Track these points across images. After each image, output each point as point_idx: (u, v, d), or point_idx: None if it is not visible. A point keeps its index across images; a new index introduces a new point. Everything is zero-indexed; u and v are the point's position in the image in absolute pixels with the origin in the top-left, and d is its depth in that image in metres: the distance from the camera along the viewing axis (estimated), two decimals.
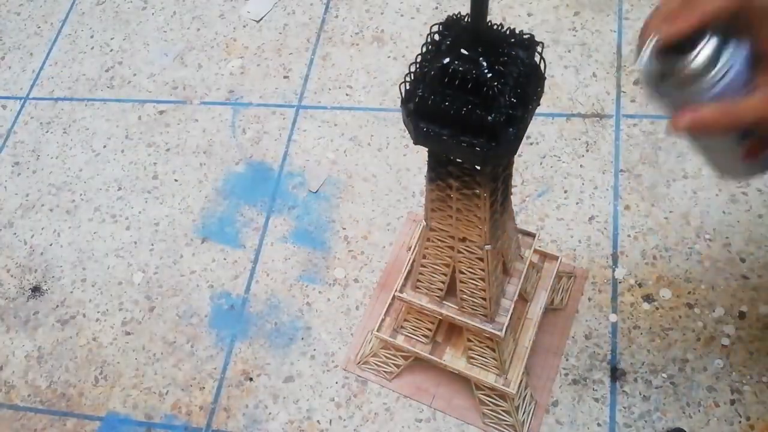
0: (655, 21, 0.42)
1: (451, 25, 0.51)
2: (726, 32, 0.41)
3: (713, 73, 0.41)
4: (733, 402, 0.88)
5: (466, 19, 0.51)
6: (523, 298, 0.85)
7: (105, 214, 1.16)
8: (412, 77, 0.51)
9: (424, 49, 0.51)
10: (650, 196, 1.02)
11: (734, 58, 0.41)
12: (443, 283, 0.74)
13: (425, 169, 0.60)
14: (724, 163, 0.50)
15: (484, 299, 0.72)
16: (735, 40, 0.41)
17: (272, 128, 1.20)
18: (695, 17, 0.40)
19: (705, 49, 0.41)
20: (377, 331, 0.86)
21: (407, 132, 0.54)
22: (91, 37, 1.37)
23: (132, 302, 1.07)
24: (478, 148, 0.50)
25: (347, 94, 1.21)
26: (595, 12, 1.20)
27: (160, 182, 1.18)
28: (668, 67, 0.42)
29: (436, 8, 1.26)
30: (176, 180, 1.17)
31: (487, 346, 0.78)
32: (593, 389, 0.91)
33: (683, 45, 0.41)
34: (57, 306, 1.09)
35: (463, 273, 0.70)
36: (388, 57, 1.23)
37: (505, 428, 0.88)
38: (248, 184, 1.15)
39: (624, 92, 1.12)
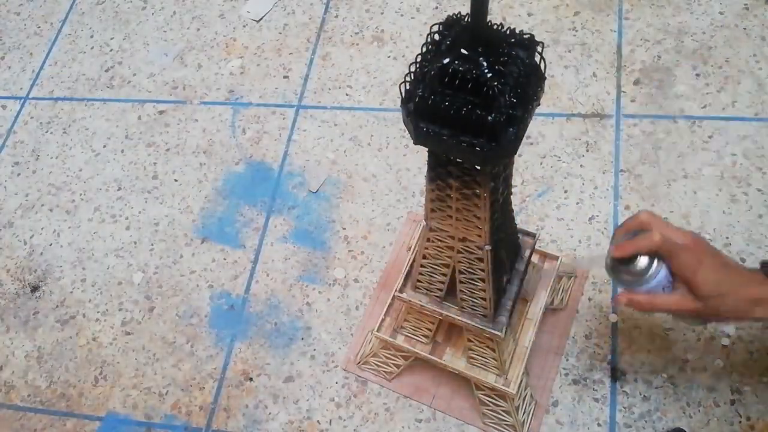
0: (616, 238, 0.72)
1: (451, 25, 0.51)
2: (653, 255, 0.68)
3: (644, 278, 0.68)
4: (733, 402, 0.88)
5: (466, 19, 0.51)
6: (523, 298, 0.85)
7: (105, 214, 1.16)
8: (412, 77, 0.51)
9: (424, 49, 0.51)
10: (650, 196, 1.02)
11: (658, 270, 0.68)
12: (443, 283, 0.74)
13: (425, 169, 0.60)
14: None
15: (484, 299, 0.72)
16: (659, 259, 0.68)
17: (272, 128, 1.20)
18: (633, 249, 0.68)
19: (639, 264, 0.68)
20: (377, 331, 0.86)
21: (407, 132, 0.54)
22: (91, 37, 1.37)
23: (132, 302, 1.07)
24: (478, 148, 0.50)
25: (347, 94, 1.21)
26: (595, 12, 1.20)
27: (160, 182, 1.18)
28: (619, 268, 0.70)
29: (436, 8, 1.26)
30: (176, 180, 1.17)
31: (487, 346, 0.78)
32: (593, 389, 0.91)
33: (628, 259, 0.69)
34: (57, 306, 1.09)
35: (463, 273, 0.70)
36: (388, 57, 1.23)
37: (505, 428, 0.88)
38: (248, 184, 1.15)
39: (624, 92, 1.12)
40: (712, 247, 0.69)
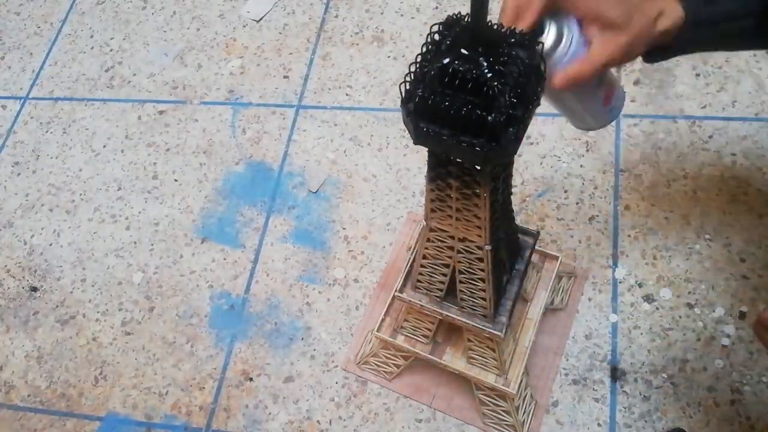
0: (503, 19, 0.58)
1: (451, 25, 0.51)
2: (557, 15, 0.57)
3: (561, 46, 0.57)
4: (733, 402, 0.88)
5: (466, 19, 0.51)
6: (523, 298, 0.85)
7: (105, 214, 1.16)
8: (412, 77, 0.51)
9: (424, 49, 0.51)
10: (650, 196, 1.02)
11: (570, 29, 0.57)
12: (443, 283, 0.74)
13: (425, 169, 0.60)
14: (592, 112, 0.66)
15: (484, 299, 0.72)
16: (565, 18, 0.57)
17: (272, 128, 1.20)
18: (530, 20, 0.57)
19: (549, 33, 0.57)
20: (377, 331, 0.86)
21: (407, 132, 0.54)
22: (91, 37, 1.37)
23: (132, 302, 1.07)
24: (478, 148, 0.50)
25: (347, 94, 1.21)
26: None
27: (160, 182, 1.18)
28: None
29: (436, 8, 1.26)
30: (176, 180, 1.17)
31: (487, 346, 0.78)
32: (593, 389, 0.91)
33: (536, 35, 0.56)
34: (57, 306, 1.09)
35: (463, 273, 0.70)
36: (388, 57, 1.23)
37: (505, 428, 0.88)
38: (248, 184, 1.15)
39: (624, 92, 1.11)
40: None
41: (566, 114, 0.69)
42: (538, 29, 0.57)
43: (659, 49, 0.63)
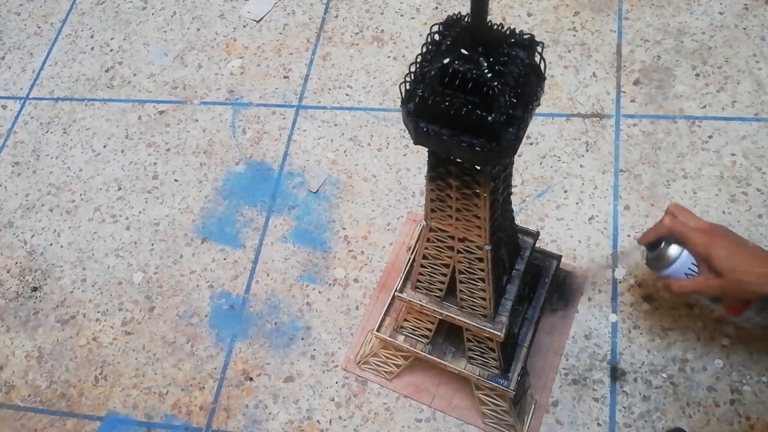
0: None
1: (451, 25, 0.51)
2: (671, 240, 0.76)
3: (668, 261, 0.76)
4: (733, 402, 0.88)
5: (466, 19, 0.51)
6: (523, 298, 0.85)
7: (105, 214, 1.16)
8: (412, 77, 0.51)
9: (424, 49, 0.51)
10: (650, 196, 1.02)
11: (679, 252, 0.76)
12: (443, 283, 0.74)
13: (425, 169, 0.61)
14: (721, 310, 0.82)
15: (484, 299, 0.72)
16: (680, 245, 0.76)
17: (272, 128, 1.20)
18: (651, 234, 0.78)
19: (663, 250, 0.77)
20: (377, 331, 0.86)
21: (407, 132, 0.54)
22: (91, 37, 1.37)
23: (132, 302, 1.07)
24: (478, 148, 0.50)
25: (347, 94, 1.21)
26: (595, 12, 1.20)
27: (160, 182, 1.18)
28: (648, 254, 0.80)
29: (436, 8, 1.26)
30: (176, 180, 1.17)
31: (487, 346, 0.78)
32: (593, 389, 0.91)
33: (653, 245, 0.78)
34: (57, 306, 1.09)
35: (463, 273, 0.70)
36: (388, 57, 1.23)
37: (505, 428, 0.88)
38: (248, 184, 1.15)
39: (624, 92, 1.12)
40: (733, 233, 0.75)
41: None
42: (656, 242, 0.77)
43: None
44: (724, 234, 0.74)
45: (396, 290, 0.78)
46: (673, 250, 0.76)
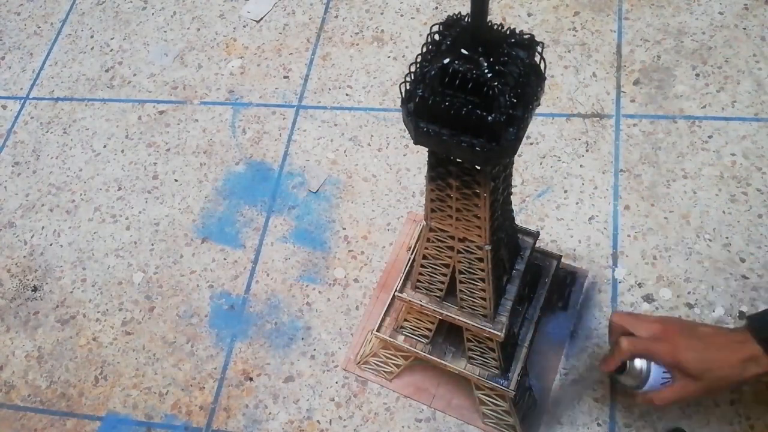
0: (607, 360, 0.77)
1: (451, 25, 0.51)
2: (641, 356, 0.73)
3: (642, 378, 0.73)
4: (733, 402, 0.88)
5: (466, 19, 0.51)
6: (523, 298, 0.85)
7: (105, 214, 1.16)
8: (412, 77, 0.51)
9: (424, 49, 0.51)
10: (650, 196, 1.02)
11: (649, 368, 0.72)
12: (443, 283, 0.74)
13: (425, 169, 0.61)
14: None
15: (484, 299, 0.72)
16: (648, 359, 0.73)
17: (272, 128, 1.20)
18: (612, 363, 0.74)
19: (631, 370, 0.73)
20: (377, 331, 0.86)
21: (407, 132, 0.54)
22: (91, 37, 1.37)
23: (132, 302, 1.07)
24: (478, 148, 0.50)
25: (347, 94, 1.21)
26: (595, 12, 1.20)
27: (160, 182, 1.18)
28: (618, 378, 0.77)
29: (436, 8, 1.26)
30: (176, 180, 1.17)
31: (487, 346, 0.78)
32: (593, 389, 0.91)
33: (621, 369, 0.74)
34: (57, 306, 1.09)
35: (463, 273, 0.70)
36: (388, 57, 1.23)
37: (505, 428, 0.88)
38: (248, 184, 1.15)
39: (624, 92, 1.12)
40: (685, 324, 0.75)
41: None
42: (622, 366, 0.74)
43: None
44: (678, 330, 0.72)
45: (396, 290, 0.78)
46: (640, 364, 0.73)
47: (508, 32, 0.51)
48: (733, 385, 0.71)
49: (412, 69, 0.51)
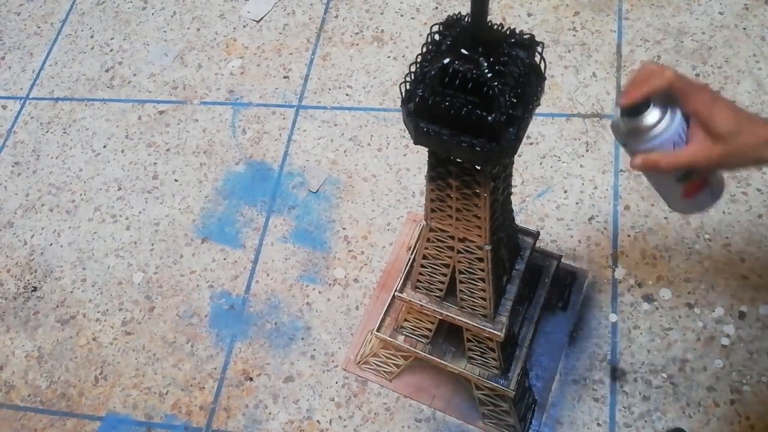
0: (623, 90, 0.59)
1: (451, 25, 0.51)
2: (664, 102, 0.58)
3: (657, 130, 0.58)
4: (733, 402, 0.88)
5: (466, 19, 0.51)
6: (523, 298, 0.85)
7: (105, 214, 1.16)
8: (412, 77, 0.51)
9: (424, 49, 0.51)
10: (650, 196, 1.02)
11: (672, 118, 0.58)
12: (443, 283, 0.74)
13: (425, 169, 0.61)
14: (669, 198, 0.65)
15: (484, 299, 0.72)
16: (671, 107, 0.58)
17: (272, 128, 1.20)
18: (645, 90, 0.58)
19: (651, 112, 0.58)
20: (377, 331, 0.86)
21: (407, 132, 0.54)
22: (91, 37, 1.37)
23: (132, 302, 1.07)
24: (478, 148, 0.50)
25: (347, 94, 1.21)
26: (595, 12, 1.20)
27: (160, 182, 1.18)
28: (628, 124, 0.59)
29: (436, 8, 1.26)
30: (176, 180, 1.17)
31: (487, 346, 0.78)
32: (593, 389, 0.91)
33: (638, 110, 0.58)
34: (57, 306, 1.09)
35: (463, 273, 0.70)
36: (388, 57, 1.23)
37: (505, 428, 0.88)
38: (248, 184, 1.15)
39: None
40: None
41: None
42: (643, 104, 0.58)
43: None
44: (723, 97, 0.62)
45: (396, 290, 0.78)
46: (667, 113, 0.59)
47: (508, 32, 0.51)
48: (749, 163, 0.62)
49: (412, 69, 0.51)
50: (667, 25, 1.16)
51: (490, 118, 0.48)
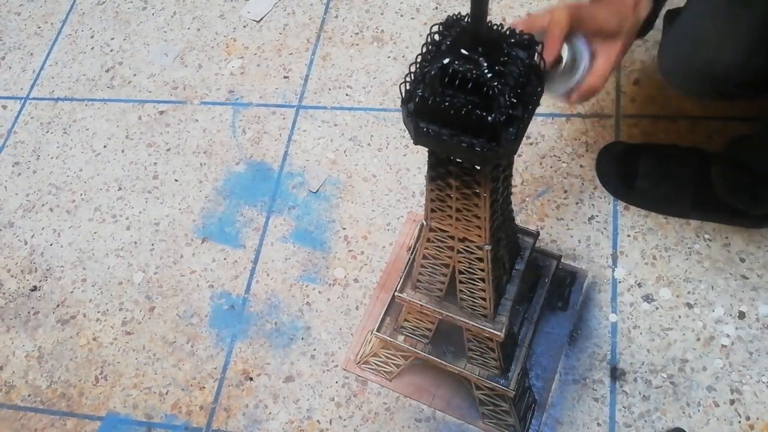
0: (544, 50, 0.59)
1: (451, 25, 0.51)
2: (569, 38, 0.64)
3: (576, 67, 0.65)
4: (732, 402, 0.88)
5: (466, 20, 0.51)
6: (523, 298, 0.85)
7: (105, 214, 1.16)
8: (412, 77, 0.51)
9: (424, 49, 0.51)
10: None
11: (582, 52, 0.65)
12: (443, 283, 0.74)
13: (425, 169, 0.61)
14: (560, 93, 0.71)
15: (484, 299, 0.72)
16: (576, 39, 0.65)
17: (272, 128, 1.20)
18: (556, 46, 0.64)
19: (566, 59, 0.65)
20: (377, 331, 0.86)
21: (407, 132, 0.54)
22: (91, 37, 1.37)
23: (132, 302, 1.07)
24: (478, 148, 0.50)
25: (347, 94, 1.21)
26: None
27: (161, 182, 1.18)
28: (556, 75, 0.66)
29: (436, 8, 1.26)
30: (176, 180, 1.17)
31: (487, 346, 0.78)
32: (593, 389, 0.91)
33: (558, 58, 0.64)
34: (57, 306, 1.09)
35: (463, 273, 0.70)
36: (388, 57, 1.23)
37: (505, 428, 0.88)
38: (248, 184, 1.15)
39: (624, 92, 1.12)
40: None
41: None
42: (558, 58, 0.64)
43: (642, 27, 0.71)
44: (576, 3, 0.67)
45: (396, 290, 0.78)
46: (570, 46, 0.65)
47: (508, 32, 0.51)
48: (636, 34, 0.71)
49: (412, 69, 0.51)
50: None
51: (490, 118, 0.48)
